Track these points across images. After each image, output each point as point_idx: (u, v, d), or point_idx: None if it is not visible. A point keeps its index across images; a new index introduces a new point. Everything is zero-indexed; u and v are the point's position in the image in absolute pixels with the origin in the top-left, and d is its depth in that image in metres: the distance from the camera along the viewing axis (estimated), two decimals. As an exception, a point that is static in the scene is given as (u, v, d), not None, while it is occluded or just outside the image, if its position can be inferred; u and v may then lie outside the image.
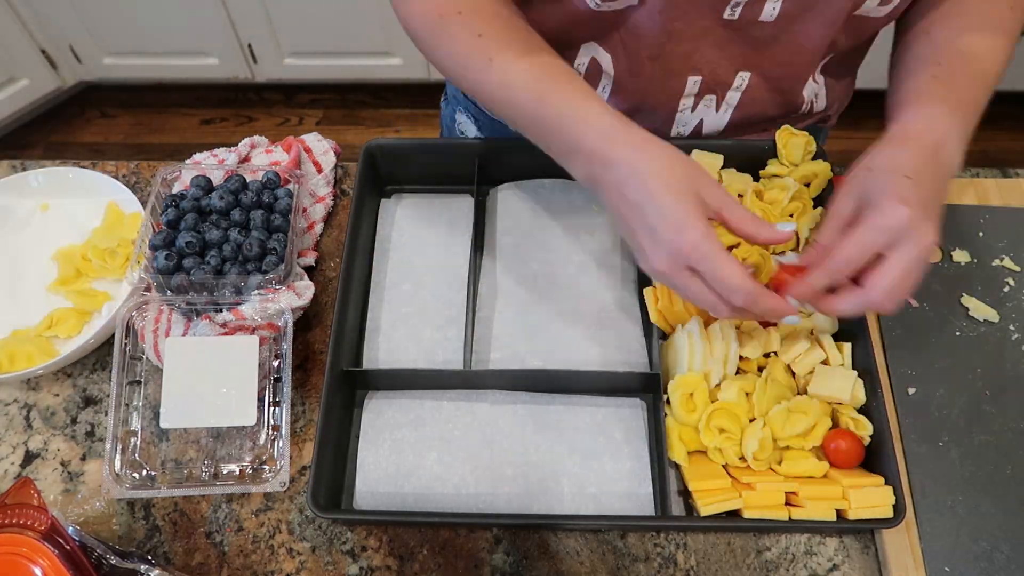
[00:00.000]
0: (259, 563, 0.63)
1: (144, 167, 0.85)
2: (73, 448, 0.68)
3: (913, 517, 0.61)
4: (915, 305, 0.72)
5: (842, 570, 0.61)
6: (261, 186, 0.74)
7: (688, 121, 0.76)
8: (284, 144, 0.82)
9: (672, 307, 0.67)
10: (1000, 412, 0.66)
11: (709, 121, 0.76)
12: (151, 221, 0.71)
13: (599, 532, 0.63)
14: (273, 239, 0.71)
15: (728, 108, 0.74)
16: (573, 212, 0.77)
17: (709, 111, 0.75)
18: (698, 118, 0.76)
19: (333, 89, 2.21)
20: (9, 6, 1.82)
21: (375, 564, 0.62)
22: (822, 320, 0.68)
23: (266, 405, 0.67)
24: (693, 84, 0.71)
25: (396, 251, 0.76)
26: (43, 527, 0.50)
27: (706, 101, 0.74)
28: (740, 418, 0.61)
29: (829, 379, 0.63)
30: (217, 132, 2.16)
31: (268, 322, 0.68)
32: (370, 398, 0.68)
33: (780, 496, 0.60)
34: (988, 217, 0.77)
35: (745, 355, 0.65)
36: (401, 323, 0.72)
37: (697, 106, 0.74)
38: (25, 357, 0.69)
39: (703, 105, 0.74)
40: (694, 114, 0.75)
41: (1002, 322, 0.71)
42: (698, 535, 0.63)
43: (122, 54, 2.01)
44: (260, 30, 1.90)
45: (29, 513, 0.51)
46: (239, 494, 0.65)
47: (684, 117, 0.76)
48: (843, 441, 0.61)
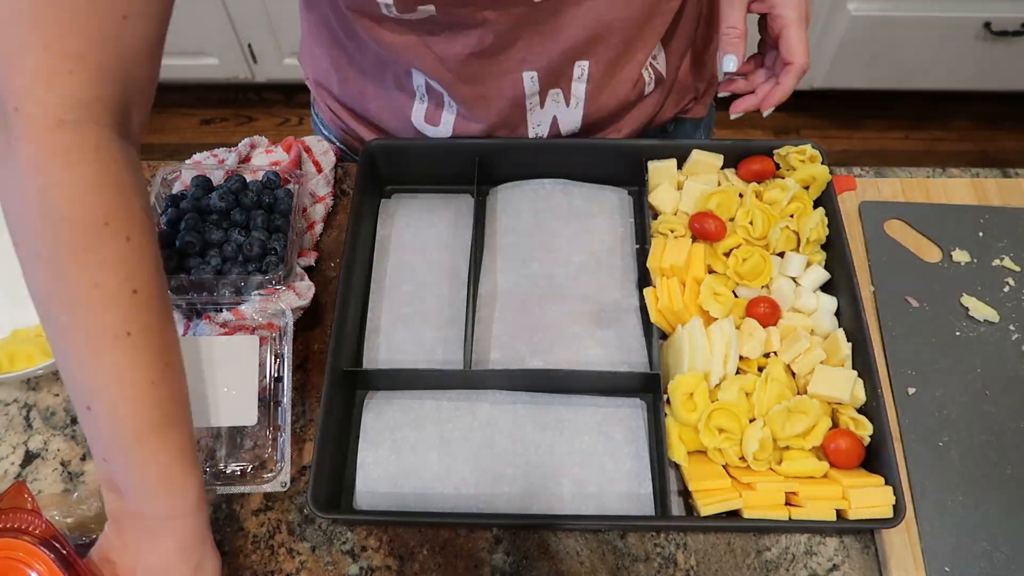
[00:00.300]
0: (259, 563, 0.63)
1: (144, 167, 0.85)
2: (73, 448, 0.68)
3: (913, 517, 0.61)
4: (915, 305, 0.72)
5: (842, 570, 0.61)
6: (261, 186, 0.74)
7: (541, 120, 0.75)
8: (284, 144, 0.82)
9: (672, 307, 0.67)
10: (1000, 412, 0.66)
11: (564, 119, 0.75)
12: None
13: (599, 532, 0.63)
14: (273, 239, 0.71)
15: (578, 102, 0.74)
16: (573, 212, 0.77)
17: (559, 106, 0.74)
18: (550, 115, 0.75)
19: None
20: (9, 6, 1.82)
21: (375, 564, 0.62)
22: (823, 321, 0.68)
23: (266, 405, 0.67)
24: (531, 80, 0.70)
25: (396, 251, 0.76)
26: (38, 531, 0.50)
27: (552, 96, 0.73)
28: (740, 418, 0.61)
29: (829, 379, 0.63)
30: (217, 132, 2.15)
31: (268, 322, 0.68)
32: (370, 398, 0.68)
33: (780, 496, 0.60)
34: (988, 217, 0.77)
35: (745, 355, 0.65)
36: (401, 323, 0.72)
37: (545, 102, 0.73)
38: (25, 357, 0.69)
39: (551, 101, 0.73)
40: (544, 111, 0.74)
41: (1002, 322, 0.71)
42: (698, 535, 0.63)
43: (122, 54, 2.01)
44: (260, 30, 1.90)
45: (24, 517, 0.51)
46: (239, 494, 0.65)
47: (535, 116, 0.75)
48: (843, 441, 0.61)
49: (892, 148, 2.06)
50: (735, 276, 0.69)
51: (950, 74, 1.91)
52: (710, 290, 0.67)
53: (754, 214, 0.70)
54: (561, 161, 0.78)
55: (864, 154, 2.04)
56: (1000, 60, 1.84)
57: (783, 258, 0.70)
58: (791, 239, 0.71)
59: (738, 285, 0.70)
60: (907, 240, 0.76)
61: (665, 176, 0.75)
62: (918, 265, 0.74)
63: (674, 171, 0.75)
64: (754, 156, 0.74)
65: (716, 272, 0.70)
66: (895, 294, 0.72)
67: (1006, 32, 1.75)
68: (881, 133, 2.08)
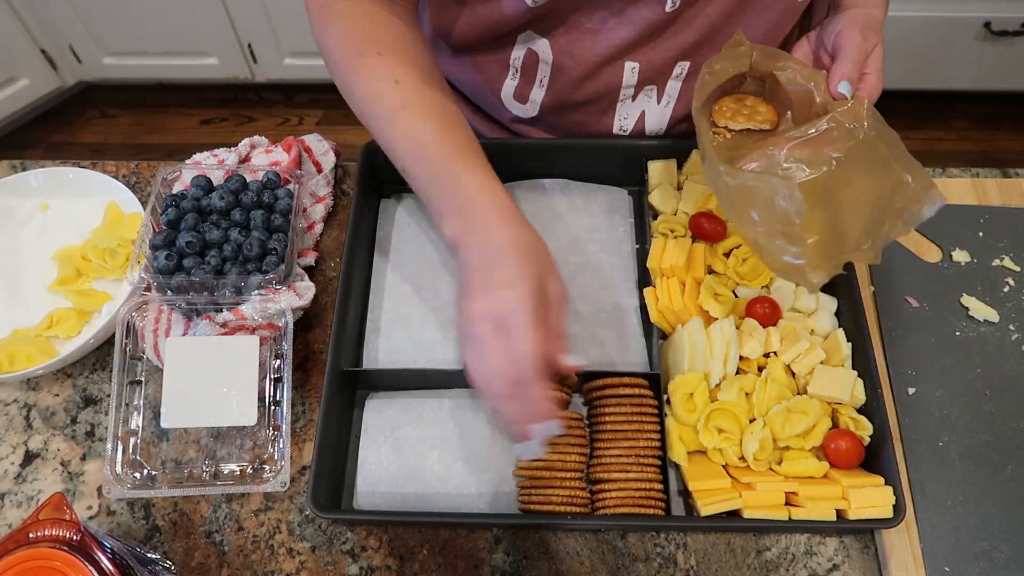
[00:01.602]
0: (259, 563, 0.63)
1: (144, 167, 0.85)
2: (73, 448, 0.68)
3: (913, 517, 0.61)
4: (915, 305, 0.72)
5: (842, 570, 0.61)
6: (261, 186, 0.74)
7: (629, 113, 0.76)
8: (284, 144, 0.82)
9: (672, 307, 0.67)
10: (1000, 412, 0.66)
11: (652, 114, 0.76)
12: (151, 221, 0.71)
13: (599, 532, 0.63)
14: (273, 239, 0.71)
15: (670, 100, 0.74)
16: (573, 212, 0.77)
17: (651, 103, 0.75)
18: (639, 109, 0.75)
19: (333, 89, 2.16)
20: (9, 6, 1.81)
21: (375, 564, 0.62)
22: (823, 321, 0.68)
23: (266, 405, 0.67)
24: (631, 72, 0.71)
25: (396, 251, 0.76)
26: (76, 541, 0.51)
27: (647, 92, 0.74)
28: (739, 418, 0.61)
29: (829, 379, 0.63)
30: (217, 132, 2.15)
31: (268, 322, 0.68)
32: (370, 398, 0.68)
33: (780, 496, 0.60)
34: (988, 217, 0.77)
35: (745, 355, 0.65)
36: (401, 323, 0.72)
37: (638, 96, 0.74)
38: (25, 357, 0.69)
39: (644, 96, 0.74)
40: (635, 104, 0.75)
41: (1002, 322, 0.71)
42: (698, 535, 0.63)
43: (122, 54, 2.01)
44: (260, 30, 1.90)
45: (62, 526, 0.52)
46: (239, 494, 0.65)
47: (625, 108, 0.75)
48: (843, 441, 0.61)
49: (892, 148, 2.06)
50: (735, 276, 0.69)
51: (950, 74, 1.91)
52: (710, 290, 0.67)
53: (754, 214, 0.70)
54: (561, 161, 0.78)
55: (864, 154, 2.04)
56: (1000, 60, 1.84)
57: (783, 258, 0.70)
58: None
59: (738, 285, 0.70)
60: (907, 240, 0.76)
61: (665, 176, 0.75)
62: (918, 265, 0.74)
63: (674, 171, 0.75)
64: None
65: (716, 272, 0.70)
66: (895, 294, 0.72)
67: (1006, 32, 1.75)
68: (881, 133, 2.08)
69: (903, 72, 1.90)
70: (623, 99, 0.74)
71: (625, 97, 0.74)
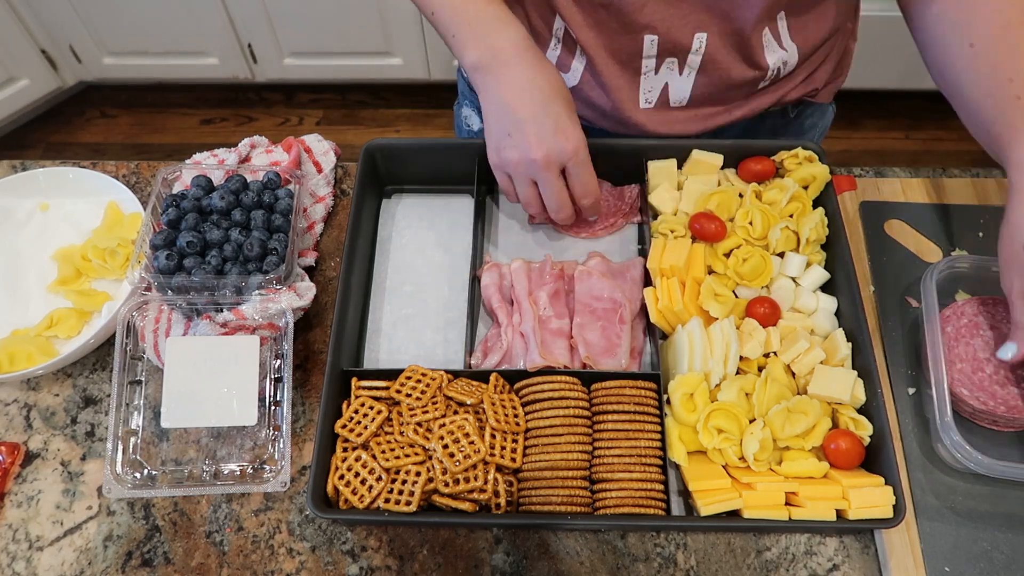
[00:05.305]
0: (259, 563, 0.63)
1: (144, 167, 0.85)
2: (73, 448, 0.68)
3: (913, 517, 0.61)
4: (915, 305, 0.72)
5: (842, 570, 0.61)
6: (262, 186, 0.74)
7: (653, 85, 0.76)
8: (284, 144, 0.82)
9: (672, 307, 0.67)
10: (1000, 412, 0.66)
11: (675, 86, 0.76)
12: (151, 221, 0.71)
13: (599, 532, 0.63)
14: (274, 239, 0.71)
15: (691, 71, 0.74)
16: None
17: (673, 74, 0.75)
18: (662, 81, 0.76)
19: (333, 89, 2.21)
20: (9, 6, 1.82)
21: (375, 564, 0.62)
22: (823, 321, 0.68)
23: (266, 405, 0.67)
24: (650, 44, 0.71)
25: (396, 251, 0.76)
26: None
27: (668, 64, 0.74)
28: (739, 418, 0.61)
29: (829, 379, 0.63)
30: (217, 132, 2.16)
31: (269, 322, 0.68)
32: (370, 398, 0.68)
33: (780, 496, 0.60)
34: (988, 217, 0.77)
35: (745, 355, 0.65)
36: (402, 324, 0.72)
37: (660, 68, 0.74)
38: (25, 357, 0.69)
39: (666, 68, 0.74)
40: (658, 76, 0.75)
41: (1002, 322, 0.71)
42: (698, 535, 0.63)
43: (122, 54, 2.01)
44: (260, 30, 1.90)
45: None
46: (239, 494, 0.65)
47: (648, 81, 0.75)
48: (843, 441, 0.61)
49: (892, 148, 2.06)
50: (735, 276, 0.69)
51: (950, 74, 1.91)
52: (710, 290, 0.67)
53: (754, 214, 0.70)
54: (561, 161, 0.78)
55: (864, 154, 2.04)
56: (1000, 60, 1.84)
57: (783, 258, 0.70)
58: (791, 239, 0.71)
59: (738, 285, 0.70)
60: (907, 240, 0.76)
61: (665, 176, 0.75)
62: (918, 265, 0.74)
63: (674, 171, 0.75)
64: (754, 157, 0.74)
65: (716, 272, 0.70)
66: (895, 294, 0.72)
67: (1006, 32, 1.74)
68: (881, 133, 2.08)
69: (903, 72, 1.90)
70: (646, 72, 0.75)
71: (648, 69, 0.75)
